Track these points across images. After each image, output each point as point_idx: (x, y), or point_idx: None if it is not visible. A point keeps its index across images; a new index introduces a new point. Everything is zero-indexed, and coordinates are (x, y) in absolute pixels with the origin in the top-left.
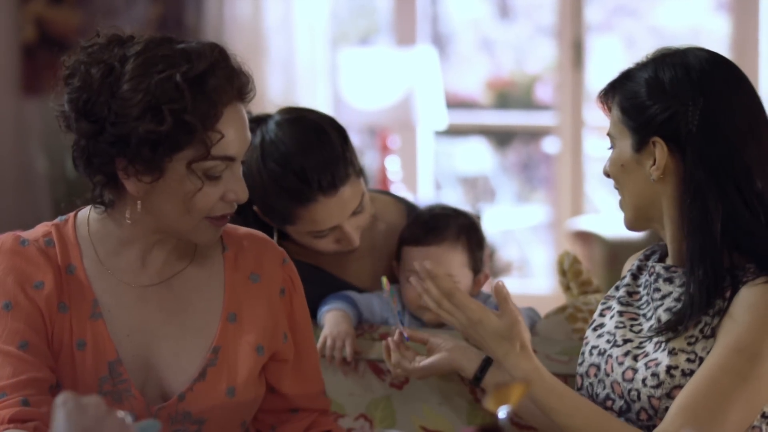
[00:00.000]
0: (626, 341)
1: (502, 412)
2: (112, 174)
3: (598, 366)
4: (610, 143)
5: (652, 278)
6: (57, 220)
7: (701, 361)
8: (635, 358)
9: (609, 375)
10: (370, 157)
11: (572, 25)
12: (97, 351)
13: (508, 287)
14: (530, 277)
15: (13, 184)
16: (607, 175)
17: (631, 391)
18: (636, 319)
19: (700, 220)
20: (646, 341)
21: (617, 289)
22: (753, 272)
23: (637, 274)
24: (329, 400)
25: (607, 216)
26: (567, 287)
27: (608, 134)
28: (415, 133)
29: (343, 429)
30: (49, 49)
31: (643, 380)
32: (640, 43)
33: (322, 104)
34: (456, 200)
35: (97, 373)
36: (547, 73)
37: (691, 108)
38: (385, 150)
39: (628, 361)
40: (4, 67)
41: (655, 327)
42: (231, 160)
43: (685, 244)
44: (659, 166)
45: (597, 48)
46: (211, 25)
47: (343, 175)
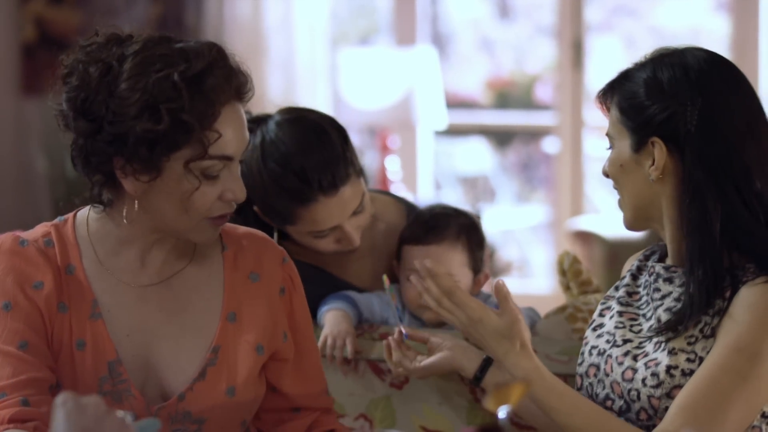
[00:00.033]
0: (626, 341)
1: (502, 412)
2: (110, 173)
3: (598, 366)
4: (609, 143)
5: (652, 278)
6: (56, 221)
7: (701, 361)
8: (635, 358)
9: (609, 375)
10: (370, 157)
11: (572, 25)
12: (97, 351)
13: (507, 287)
14: (530, 277)
15: (13, 184)
16: (606, 175)
17: (630, 390)
18: (636, 320)
19: (700, 220)
20: (646, 341)
21: (617, 289)
22: (753, 272)
23: (636, 275)
24: (332, 399)
25: (607, 216)
26: (567, 287)
27: (607, 134)
28: (415, 133)
29: (347, 427)
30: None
31: (643, 380)
32: (640, 43)
33: (322, 104)
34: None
35: (97, 373)
36: (547, 73)
37: (689, 108)
38: (385, 150)
39: (627, 361)
40: (4, 67)
41: (655, 327)
42: (229, 159)
43: (684, 244)
44: (658, 167)
45: (597, 48)
46: (211, 25)
47: (344, 175)
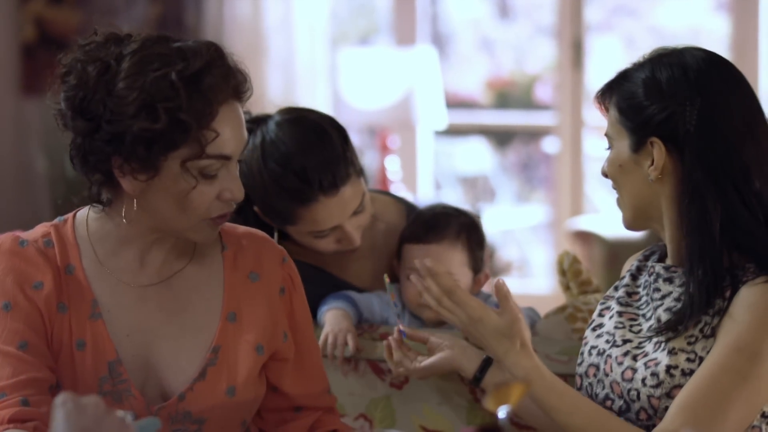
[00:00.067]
0: (625, 341)
1: (502, 412)
2: (108, 172)
3: (597, 366)
4: (608, 144)
5: (652, 278)
6: (56, 221)
7: (701, 361)
8: (634, 358)
9: (608, 375)
10: (370, 157)
11: (572, 25)
12: (97, 351)
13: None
14: (530, 277)
15: (13, 184)
16: (605, 175)
17: (630, 390)
18: (635, 320)
19: (699, 220)
20: (646, 341)
21: (616, 289)
22: (753, 272)
23: (636, 275)
24: (334, 398)
25: (607, 216)
26: (567, 287)
27: (606, 135)
28: (415, 132)
29: (350, 427)
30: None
31: (643, 380)
32: (640, 43)
33: (321, 104)
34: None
35: (97, 373)
36: (547, 73)
37: (688, 108)
38: (385, 150)
39: (627, 361)
40: (4, 67)
41: (655, 327)
42: (227, 158)
43: (684, 244)
44: (657, 167)
45: (597, 48)
46: (210, 25)
47: (344, 175)
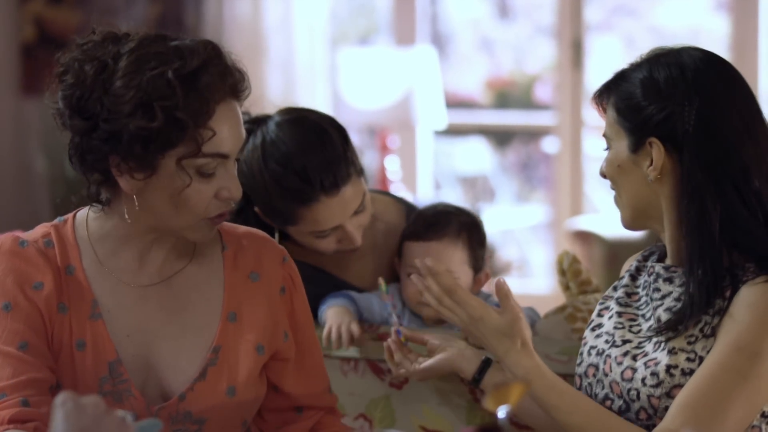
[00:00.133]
0: (625, 341)
1: (502, 412)
2: (106, 171)
3: (597, 366)
4: (606, 144)
5: (652, 278)
6: (56, 221)
7: (701, 361)
8: (634, 358)
9: (608, 375)
10: (370, 157)
11: (572, 25)
12: (97, 351)
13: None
14: (530, 277)
15: (13, 184)
16: (604, 175)
17: (630, 390)
18: (635, 320)
19: (699, 220)
20: (645, 341)
21: (615, 289)
22: (753, 271)
23: (635, 275)
24: (335, 397)
25: (607, 216)
26: (566, 287)
27: (604, 135)
28: (415, 132)
29: (350, 428)
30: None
31: (643, 379)
32: (640, 43)
33: (321, 104)
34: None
35: (97, 373)
36: (547, 72)
37: (686, 108)
38: (385, 150)
39: (627, 361)
40: (4, 67)
41: (655, 327)
42: (224, 157)
43: (683, 244)
44: (656, 167)
45: (596, 48)
46: (210, 25)
47: (345, 175)
